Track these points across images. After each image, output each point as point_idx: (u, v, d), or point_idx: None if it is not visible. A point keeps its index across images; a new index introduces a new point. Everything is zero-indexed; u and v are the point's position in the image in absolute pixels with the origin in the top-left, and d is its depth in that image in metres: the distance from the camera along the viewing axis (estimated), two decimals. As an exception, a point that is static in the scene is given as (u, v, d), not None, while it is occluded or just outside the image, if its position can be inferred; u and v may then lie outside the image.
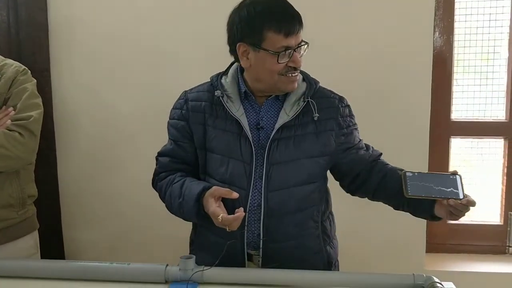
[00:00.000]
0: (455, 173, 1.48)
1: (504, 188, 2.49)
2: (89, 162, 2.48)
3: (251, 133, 1.54)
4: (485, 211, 2.56)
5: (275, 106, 1.59)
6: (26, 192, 1.86)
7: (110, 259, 1.59)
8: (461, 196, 1.43)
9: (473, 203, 1.44)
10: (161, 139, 2.50)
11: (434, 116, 2.34)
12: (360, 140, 1.68)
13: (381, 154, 1.70)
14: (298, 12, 1.50)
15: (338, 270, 1.70)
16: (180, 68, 2.37)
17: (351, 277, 1.48)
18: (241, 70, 1.60)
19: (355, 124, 1.67)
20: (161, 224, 2.45)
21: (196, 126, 1.59)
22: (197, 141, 1.59)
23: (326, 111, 1.59)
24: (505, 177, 2.48)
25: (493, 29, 2.43)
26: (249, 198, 1.53)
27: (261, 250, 1.55)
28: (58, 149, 2.46)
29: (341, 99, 1.65)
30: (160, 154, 1.68)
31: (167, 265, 1.50)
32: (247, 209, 1.53)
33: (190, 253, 1.65)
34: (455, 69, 2.45)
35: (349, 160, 1.63)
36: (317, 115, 1.56)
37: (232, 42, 1.54)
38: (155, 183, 1.68)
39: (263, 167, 1.53)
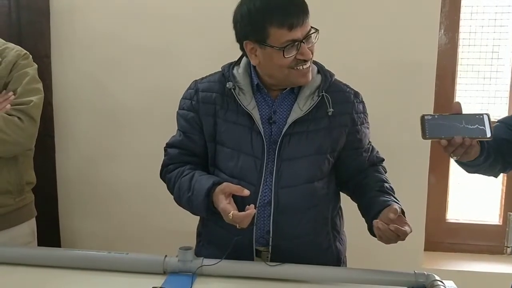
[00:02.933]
0: (482, 113, 1.31)
1: (504, 188, 2.49)
2: (88, 150, 2.47)
3: (263, 127, 1.49)
4: (484, 211, 2.55)
5: (289, 99, 1.54)
6: (24, 178, 1.84)
7: (106, 249, 1.56)
8: (488, 135, 1.27)
9: (403, 233, 1.35)
10: (163, 128, 2.48)
11: (437, 114, 2.33)
12: (369, 142, 1.64)
13: (382, 160, 1.66)
14: (302, 1, 1.44)
15: (346, 265, 1.68)
16: (184, 57, 2.35)
17: (352, 273, 1.48)
18: None
19: (368, 122, 1.63)
20: (160, 215, 2.44)
21: (206, 118, 1.54)
22: (207, 133, 1.55)
23: (341, 106, 1.54)
24: (505, 177, 2.48)
25: (498, 28, 2.42)
26: (259, 194, 1.50)
27: (270, 247, 1.52)
28: (56, 136, 2.44)
29: (356, 94, 1.60)
30: (168, 145, 1.64)
31: (165, 255, 1.48)
32: (257, 205, 1.49)
33: (197, 245, 1.64)
34: (458, 67, 2.44)
35: (351, 160, 1.60)
36: (331, 110, 1.51)
37: (239, 40, 1.50)
38: (163, 175, 1.64)
39: (274, 162, 1.50)
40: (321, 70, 1.57)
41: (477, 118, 1.30)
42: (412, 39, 2.26)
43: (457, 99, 2.46)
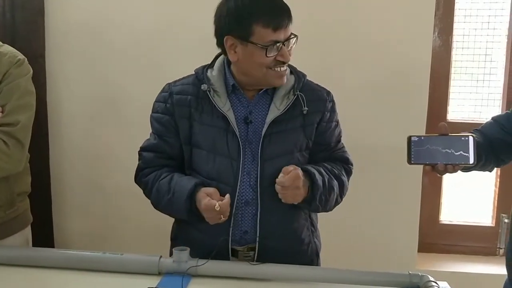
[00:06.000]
0: (467, 135, 1.33)
1: (496, 190, 2.50)
2: (82, 150, 2.46)
3: (238, 128, 1.51)
4: (477, 213, 2.57)
5: (264, 100, 1.56)
6: (15, 191, 1.75)
7: (101, 250, 1.56)
8: (471, 161, 1.29)
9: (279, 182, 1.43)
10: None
11: (431, 116, 2.34)
12: (340, 142, 1.67)
13: (347, 160, 1.66)
14: (287, 5, 1.48)
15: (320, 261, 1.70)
16: (180, 58, 2.34)
17: (346, 274, 1.48)
18: (228, 63, 1.57)
19: (337, 122, 1.65)
20: (154, 215, 2.41)
21: (182, 121, 1.55)
22: (183, 136, 1.56)
23: (314, 104, 1.58)
24: (498, 179, 2.49)
25: (491, 31, 2.44)
26: (236, 194, 1.51)
27: (257, 245, 1.53)
28: (50, 135, 2.43)
29: (328, 93, 1.64)
30: (143, 149, 1.64)
31: (160, 256, 1.48)
32: (234, 205, 1.51)
33: (171, 249, 1.60)
34: (452, 69, 2.45)
35: (315, 154, 1.61)
36: (306, 108, 1.55)
37: (220, 35, 1.51)
38: (138, 179, 1.64)
39: (254, 163, 1.52)
40: (293, 71, 1.60)
41: (462, 141, 1.31)
42: (406, 41, 2.27)
43: (450, 101, 2.48)
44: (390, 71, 2.30)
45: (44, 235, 2.39)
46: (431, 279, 1.41)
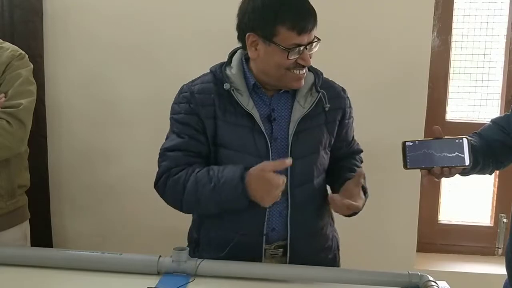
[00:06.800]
0: (461, 137, 1.34)
1: (495, 190, 2.51)
2: (81, 150, 2.45)
3: (263, 126, 1.50)
4: (476, 212, 2.57)
5: (285, 97, 1.56)
6: (16, 182, 1.81)
7: (99, 249, 1.55)
8: (467, 163, 1.30)
9: (356, 208, 1.43)
10: (156, 128, 2.48)
11: (429, 116, 2.35)
12: (353, 136, 1.70)
13: (361, 151, 1.73)
14: (313, 8, 1.46)
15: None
16: (178, 57, 2.34)
17: (345, 274, 1.48)
18: (246, 60, 1.56)
19: (353, 117, 1.68)
20: (153, 215, 2.43)
21: (208, 121, 1.51)
22: (210, 136, 1.52)
23: (334, 101, 1.59)
24: (496, 179, 2.49)
25: (490, 31, 2.44)
26: None
27: (288, 243, 1.53)
28: (49, 136, 2.43)
29: (343, 89, 1.66)
30: (168, 149, 1.54)
31: (160, 256, 1.48)
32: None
33: (192, 250, 1.60)
34: (451, 69, 2.45)
35: (336, 150, 1.63)
36: (328, 105, 1.55)
37: (242, 31, 1.49)
38: (162, 180, 1.52)
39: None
40: (311, 67, 1.59)
41: (457, 144, 1.32)
42: (405, 41, 2.27)
43: (449, 101, 2.48)
44: (389, 71, 2.31)
45: (42, 235, 2.38)
46: (431, 278, 1.41)
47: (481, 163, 1.49)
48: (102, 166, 2.46)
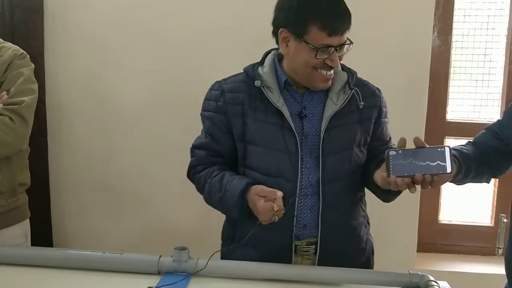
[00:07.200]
0: (443, 146, 1.38)
1: (496, 190, 2.51)
2: (81, 150, 2.45)
3: (293, 123, 1.51)
4: (476, 212, 2.57)
5: (318, 94, 1.56)
6: (17, 180, 1.82)
7: (100, 249, 1.54)
8: (448, 170, 1.33)
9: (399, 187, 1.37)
10: (157, 129, 2.48)
11: (430, 116, 2.35)
12: (390, 137, 1.67)
13: None
14: (349, 11, 1.47)
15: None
16: (178, 57, 2.34)
17: (346, 273, 1.47)
18: (279, 59, 1.58)
19: (388, 117, 1.67)
20: (154, 215, 2.44)
21: (235, 119, 1.54)
22: (236, 134, 1.55)
23: (369, 99, 1.58)
24: (497, 180, 2.49)
25: (490, 31, 2.44)
26: (297, 190, 1.50)
27: (319, 240, 1.53)
28: (49, 135, 2.43)
29: (378, 89, 1.65)
30: (196, 147, 1.63)
31: (160, 256, 1.47)
32: (297, 200, 1.50)
33: (226, 248, 1.61)
34: (451, 69, 2.45)
35: (373, 150, 1.60)
36: (362, 103, 1.55)
37: (276, 26, 1.51)
38: (191, 175, 1.64)
39: (312, 157, 1.51)
40: (344, 67, 1.61)
41: (439, 152, 1.35)
42: (405, 41, 2.27)
43: (450, 101, 2.48)
44: (390, 71, 2.30)
45: (43, 234, 2.38)
46: (431, 278, 1.41)
47: (473, 171, 1.49)
48: (103, 165, 2.46)
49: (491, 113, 2.48)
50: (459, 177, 1.47)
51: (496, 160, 1.54)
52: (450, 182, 1.50)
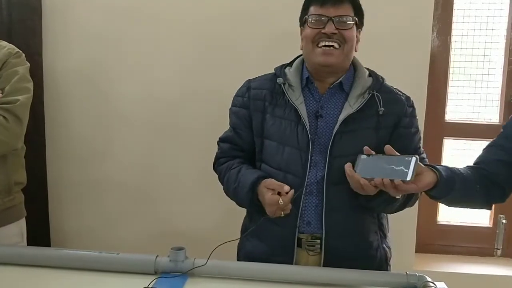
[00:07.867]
0: (411, 155, 1.38)
1: (495, 190, 2.49)
2: (79, 149, 2.45)
3: (309, 121, 1.53)
4: (475, 213, 2.56)
5: (337, 96, 1.58)
6: (13, 178, 1.82)
7: (97, 249, 1.55)
8: (408, 178, 1.35)
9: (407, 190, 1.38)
10: (154, 128, 2.48)
11: (429, 117, 2.34)
12: (419, 148, 1.61)
13: None
14: None
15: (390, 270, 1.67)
16: (175, 56, 2.34)
17: (343, 274, 1.47)
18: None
19: (417, 128, 1.62)
20: (150, 215, 2.43)
21: (256, 114, 1.61)
22: (255, 128, 1.62)
23: (391, 106, 1.55)
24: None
25: (490, 32, 2.44)
26: (305, 185, 1.52)
27: (323, 237, 1.53)
28: (47, 134, 2.42)
29: (407, 98, 1.62)
30: (221, 140, 1.72)
31: (157, 255, 1.47)
32: (302, 197, 1.52)
33: (241, 239, 1.67)
34: (450, 70, 2.45)
35: None
36: (382, 109, 1.53)
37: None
38: (216, 167, 1.72)
39: (321, 156, 1.53)
40: (372, 73, 1.62)
41: (405, 161, 1.38)
42: (405, 41, 2.27)
43: (449, 101, 2.47)
44: (388, 71, 2.28)
45: (40, 234, 2.38)
46: (429, 279, 1.40)
47: (457, 183, 1.43)
48: (100, 164, 2.45)
49: (490, 114, 2.48)
50: (440, 187, 1.41)
51: (501, 173, 1.48)
52: (442, 204, 1.55)
